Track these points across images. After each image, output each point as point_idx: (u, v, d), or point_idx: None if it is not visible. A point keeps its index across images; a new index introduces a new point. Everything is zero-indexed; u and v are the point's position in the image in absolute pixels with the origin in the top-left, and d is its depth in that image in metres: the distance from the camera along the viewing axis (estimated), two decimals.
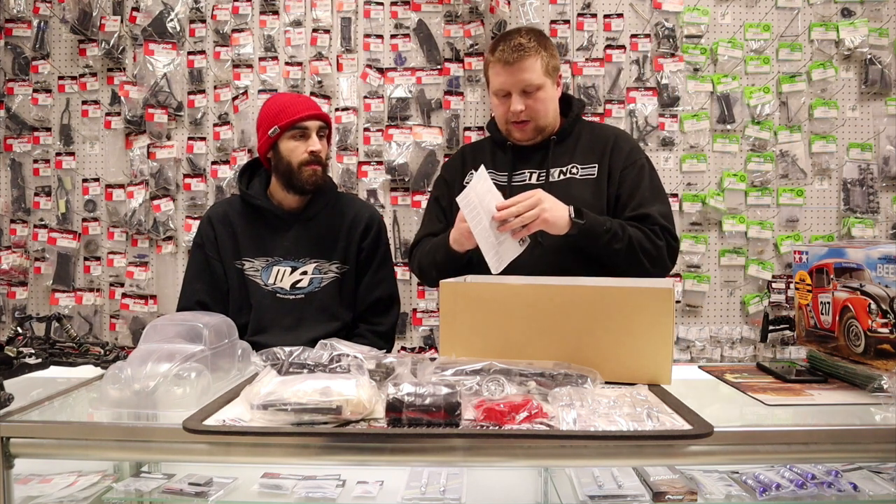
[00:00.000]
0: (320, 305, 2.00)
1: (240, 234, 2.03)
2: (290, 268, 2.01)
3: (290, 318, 1.99)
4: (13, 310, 3.11)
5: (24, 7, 3.06)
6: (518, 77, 1.77)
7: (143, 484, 1.42)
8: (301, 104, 1.98)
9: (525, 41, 1.77)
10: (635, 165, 1.85)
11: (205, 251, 2.05)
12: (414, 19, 3.05)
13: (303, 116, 1.94)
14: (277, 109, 1.97)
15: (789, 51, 3.03)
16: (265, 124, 1.98)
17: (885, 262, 1.28)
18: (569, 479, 1.38)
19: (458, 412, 1.10)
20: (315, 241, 2.03)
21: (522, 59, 1.75)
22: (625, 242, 1.70)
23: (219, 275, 2.04)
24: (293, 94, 2.08)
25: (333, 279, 2.02)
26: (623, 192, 1.82)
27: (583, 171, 1.84)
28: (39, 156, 3.10)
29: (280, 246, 2.02)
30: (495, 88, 1.83)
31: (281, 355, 1.44)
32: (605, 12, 3.04)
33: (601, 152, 1.85)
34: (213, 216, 2.08)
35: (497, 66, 1.80)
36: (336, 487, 1.37)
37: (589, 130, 1.92)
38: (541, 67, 1.77)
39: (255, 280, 2.01)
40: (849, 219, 3.02)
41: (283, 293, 2.00)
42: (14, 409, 1.18)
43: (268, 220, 2.04)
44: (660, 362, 1.37)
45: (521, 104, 1.78)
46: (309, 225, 2.04)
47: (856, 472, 1.37)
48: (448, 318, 1.45)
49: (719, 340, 3.05)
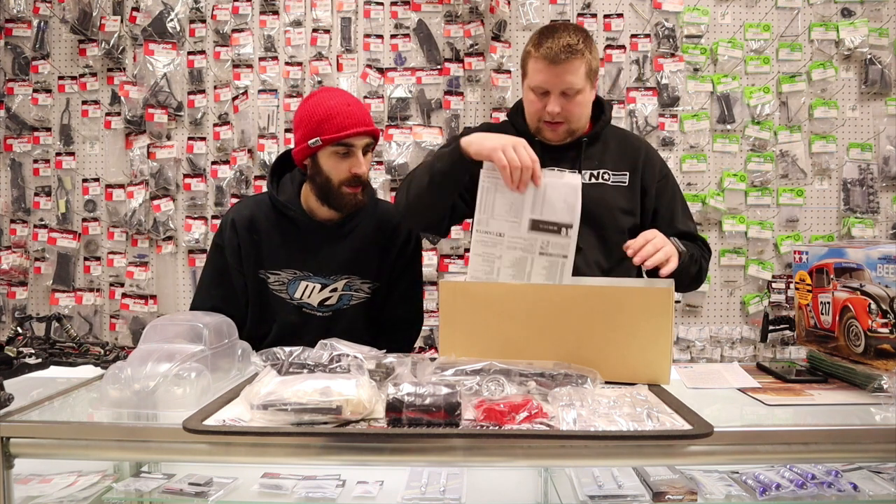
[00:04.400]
0: (347, 325, 1.82)
1: (265, 243, 1.83)
2: (321, 285, 1.82)
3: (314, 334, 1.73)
4: (13, 310, 3.11)
5: (24, 7, 3.06)
6: (561, 78, 1.68)
7: (143, 484, 1.42)
8: (350, 116, 1.70)
9: (574, 42, 1.68)
10: (668, 180, 1.86)
11: (225, 257, 1.86)
12: (414, 19, 3.05)
13: (351, 133, 1.69)
14: (322, 117, 1.70)
15: (789, 51, 3.03)
16: (306, 129, 1.72)
17: (885, 262, 1.28)
18: (569, 479, 1.38)
19: (458, 412, 1.10)
20: (350, 258, 1.83)
21: (570, 60, 1.66)
22: (697, 266, 1.74)
23: (238, 283, 1.86)
24: (342, 99, 1.75)
25: (364, 299, 1.86)
26: (661, 207, 1.82)
27: (615, 178, 1.81)
28: (39, 156, 3.10)
29: (311, 261, 1.82)
30: (534, 84, 1.73)
31: (281, 355, 1.44)
32: (605, 12, 3.04)
33: (632, 162, 1.83)
34: (237, 220, 1.85)
35: (540, 63, 1.70)
36: (336, 487, 1.37)
37: (615, 137, 1.88)
38: (584, 71, 1.70)
39: (279, 294, 1.83)
40: (849, 219, 3.02)
41: (309, 308, 1.83)
42: (14, 409, 1.18)
43: (299, 231, 1.83)
44: (659, 362, 1.37)
45: (558, 106, 1.70)
46: (345, 241, 1.84)
47: (856, 472, 1.37)
48: (448, 318, 1.45)
49: (719, 340, 3.05)
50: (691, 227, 1.84)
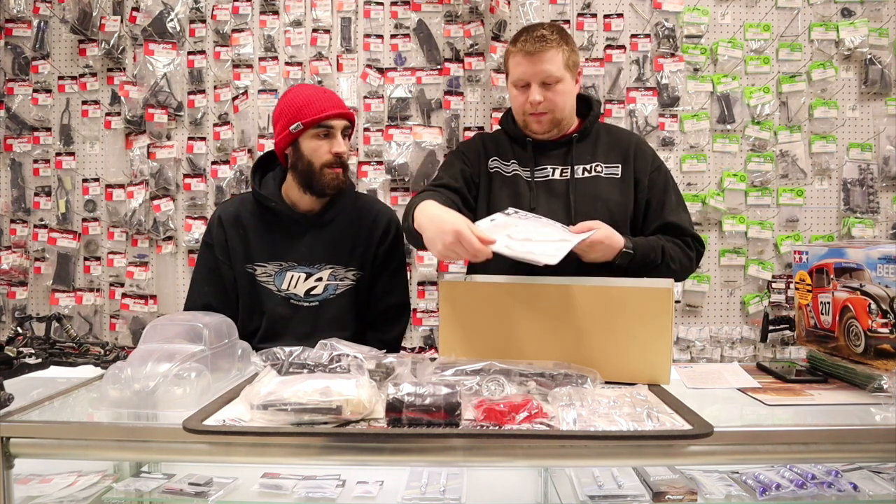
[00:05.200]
0: (334, 314, 1.91)
1: (251, 237, 1.92)
2: (305, 274, 1.90)
3: (303, 325, 1.89)
4: (13, 310, 3.11)
5: (24, 7, 3.06)
6: (539, 67, 1.76)
7: (143, 484, 1.42)
8: (327, 100, 1.84)
9: (548, 33, 1.77)
10: (660, 171, 1.87)
11: (214, 253, 1.95)
12: (414, 19, 3.05)
13: (330, 115, 1.81)
14: (301, 103, 1.82)
15: (789, 51, 3.03)
16: (286, 118, 1.83)
17: (885, 262, 1.28)
18: (569, 479, 1.38)
19: (458, 412, 1.10)
20: (332, 247, 1.92)
21: (544, 50, 1.75)
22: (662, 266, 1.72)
23: (228, 279, 1.94)
24: (318, 88, 1.92)
25: (349, 287, 1.93)
26: (653, 199, 1.83)
27: (608, 171, 1.85)
28: (39, 156, 3.10)
29: (295, 251, 1.91)
30: (515, 78, 1.82)
31: (281, 355, 1.44)
32: (605, 12, 3.04)
33: (624, 154, 1.86)
34: (223, 216, 1.96)
35: (518, 56, 1.79)
36: (336, 487, 1.37)
37: (606, 132, 1.92)
38: (561, 60, 1.77)
39: (267, 286, 1.91)
40: (849, 219, 3.02)
41: (296, 299, 1.90)
42: (14, 409, 1.18)
43: (282, 222, 1.92)
44: (659, 362, 1.37)
45: (539, 95, 1.77)
46: (326, 229, 1.93)
47: (856, 472, 1.37)
48: (448, 318, 1.45)
49: (719, 340, 3.05)
50: (683, 220, 1.82)
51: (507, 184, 1.86)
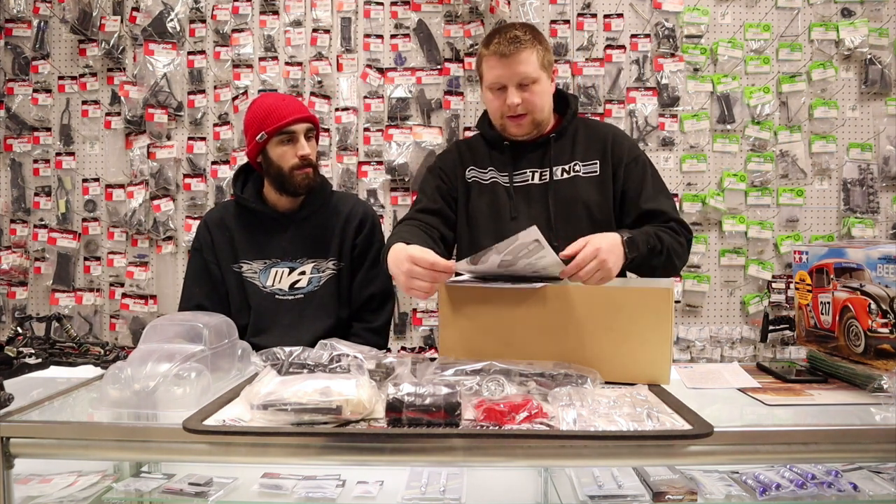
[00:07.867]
0: (320, 304, 2.00)
1: (237, 238, 2.04)
2: (288, 268, 2.01)
3: (289, 318, 1.99)
4: (13, 310, 3.11)
5: (24, 7, 3.06)
6: (514, 69, 1.74)
7: (143, 484, 1.42)
8: (287, 107, 1.94)
9: (521, 34, 1.75)
10: (637, 161, 1.84)
11: (203, 255, 2.06)
12: (414, 19, 3.05)
13: (290, 121, 1.91)
14: (263, 114, 1.93)
15: (789, 51, 3.03)
16: (252, 129, 1.95)
17: (885, 262, 1.28)
18: (569, 479, 1.38)
19: (458, 412, 1.10)
20: (311, 241, 2.03)
21: (519, 51, 1.73)
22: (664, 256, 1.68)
23: (217, 278, 2.04)
24: (278, 96, 2.05)
25: (331, 276, 2.03)
26: (630, 188, 1.81)
27: (585, 169, 1.83)
28: (39, 156, 3.10)
29: (277, 247, 2.02)
30: (490, 82, 1.79)
31: (281, 355, 1.44)
32: (605, 12, 3.04)
33: (601, 149, 1.84)
34: (209, 221, 2.09)
35: (492, 59, 1.76)
36: (336, 487, 1.37)
37: (584, 128, 1.90)
38: (537, 60, 1.76)
39: (253, 282, 2.02)
40: (849, 219, 3.02)
41: (282, 294, 2.00)
42: (14, 409, 1.18)
43: (263, 222, 2.04)
44: (659, 362, 1.37)
45: (517, 97, 1.75)
46: (304, 225, 2.04)
47: (856, 472, 1.37)
48: (448, 319, 1.45)
49: (719, 340, 3.05)
50: (664, 205, 1.77)
51: (485, 192, 1.86)
